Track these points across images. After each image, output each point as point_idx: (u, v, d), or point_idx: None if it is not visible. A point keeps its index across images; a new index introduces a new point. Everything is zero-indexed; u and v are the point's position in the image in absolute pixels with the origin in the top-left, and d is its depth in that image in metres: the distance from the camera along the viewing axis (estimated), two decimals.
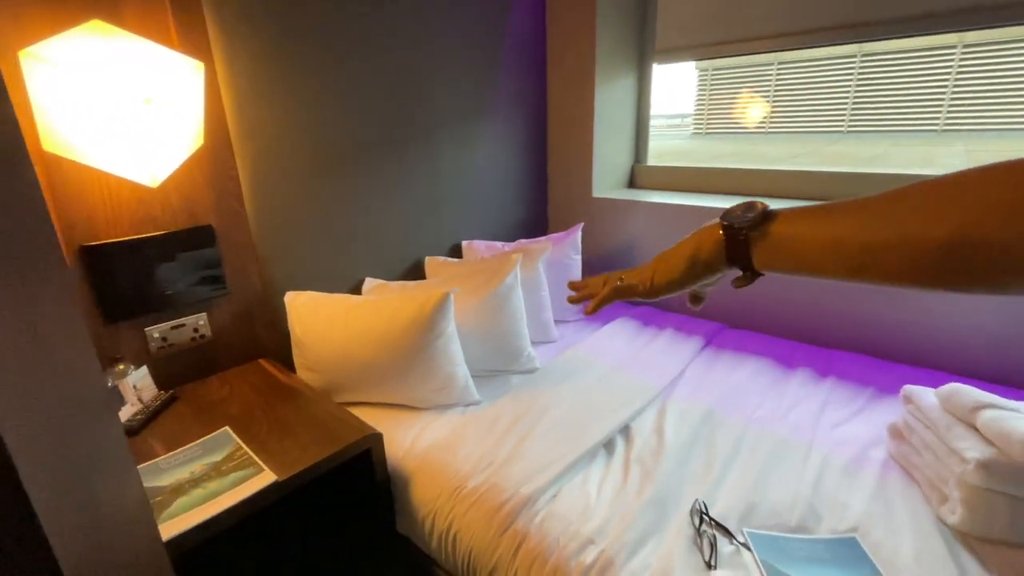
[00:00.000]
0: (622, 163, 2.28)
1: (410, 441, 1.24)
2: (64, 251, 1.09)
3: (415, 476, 1.15)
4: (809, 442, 1.17)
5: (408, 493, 1.15)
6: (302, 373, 1.40)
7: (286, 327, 1.42)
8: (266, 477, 0.96)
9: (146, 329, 1.24)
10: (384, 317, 1.29)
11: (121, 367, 1.18)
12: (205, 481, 0.95)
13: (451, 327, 1.32)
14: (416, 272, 1.85)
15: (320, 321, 1.35)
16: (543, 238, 1.94)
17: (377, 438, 1.11)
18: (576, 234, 1.91)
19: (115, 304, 1.18)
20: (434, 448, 1.19)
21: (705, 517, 0.95)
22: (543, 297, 1.74)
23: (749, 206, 0.52)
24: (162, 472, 0.98)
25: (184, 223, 1.25)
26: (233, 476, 0.96)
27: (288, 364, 1.43)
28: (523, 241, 1.94)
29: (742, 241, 0.51)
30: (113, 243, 1.15)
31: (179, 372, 1.31)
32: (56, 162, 1.05)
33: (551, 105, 2.18)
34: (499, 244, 1.96)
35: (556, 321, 1.86)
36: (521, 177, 2.18)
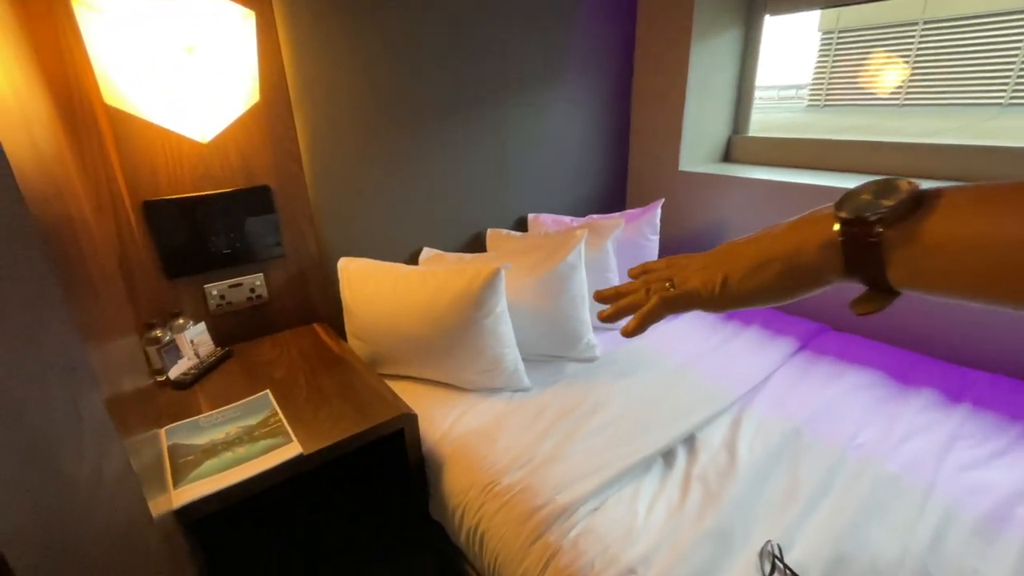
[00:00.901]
0: (717, 133, 2.01)
1: (449, 423, 1.16)
2: (128, 205, 1.12)
3: (449, 462, 1.08)
4: (929, 485, 0.93)
5: (441, 479, 1.08)
6: (351, 341, 1.38)
7: (340, 293, 1.40)
8: (292, 449, 0.92)
9: (205, 286, 1.26)
10: (431, 289, 1.21)
11: (180, 321, 1.21)
12: (236, 445, 0.94)
13: (501, 305, 1.21)
14: (477, 245, 1.76)
15: (369, 289, 1.30)
16: (616, 214, 1.76)
17: (411, 419, 1.05)
18: (655, 211, 1.70)
19: (175, 260, 1.20)
20: (473, 435, 1.11)
21: (779, 563, 0.78)
22: (610, 280, 1.57)
23: (886, 186, 0.33)
24: (200, 430, 0.99)
25: (242, 183, 1.25)
26: (263, 443, 0.94)
27: (342, 331, 1.41)
28: (594, 217, 1.77)
29: (872, 244, 0.33)
30: (174, 199, 1.16)
31: (235, 330, 1.33)
32: (121, 117, 1.06)
33: (638, 64, 1.95)
34: (567, 219, 1.80)
35: None
36: (598, 146, 1.99)
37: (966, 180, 1.47)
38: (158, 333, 1.16)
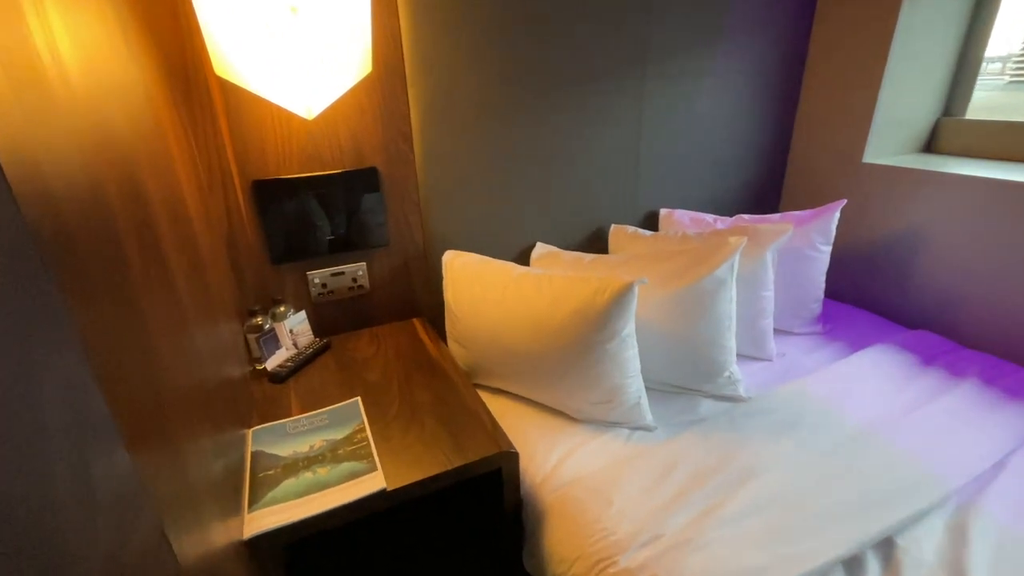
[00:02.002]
0: (919, 116, 1.55)
1: (553, 462, 0.97)
2: (237, 184, 1.06)
3: (551, 515, 0.89)
4: None
5: (540, 532, 0.90)
6: (451, 345, 1.24)
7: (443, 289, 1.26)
8: (375, 481, 0.79)
9: (308, 273, 1.19)
10: (545, 299, 1.01)
11: (281, 309, 1.15)
12: (318, 463, 0.83)
13: (629, 328, 0.98)
14: (597, 242, 1.53)
15: (475, 291, 1.14)
16: (776, 216, 1.42)
17: (511, 458, 0.87)
18: (831, 215, 1.34)
19: (281, 244, 1.13)
20: (582, 484, 0.91)
21: None
22: (764, 299, 1.26)
23: None
24: (285, 438, 0.90)
25: (350, 163, 1.14)
26: (345, 466, 0.82)
27: (442, 329, 1.28)
28: (745, 217, 1.45)
29: None
30: (283, 179, 1.09)
31: (335, 321, 1.26)
32: (233, 91, 0.99)
33: (820, 21, 1.55)
34: (709, 218, 1.50)
35: (777, 331, 1.36)
36: (753, 128, 1.64)
37: None
38: (259, 320, 1.10)
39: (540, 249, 1.41)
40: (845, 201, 1.35)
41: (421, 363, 1.13)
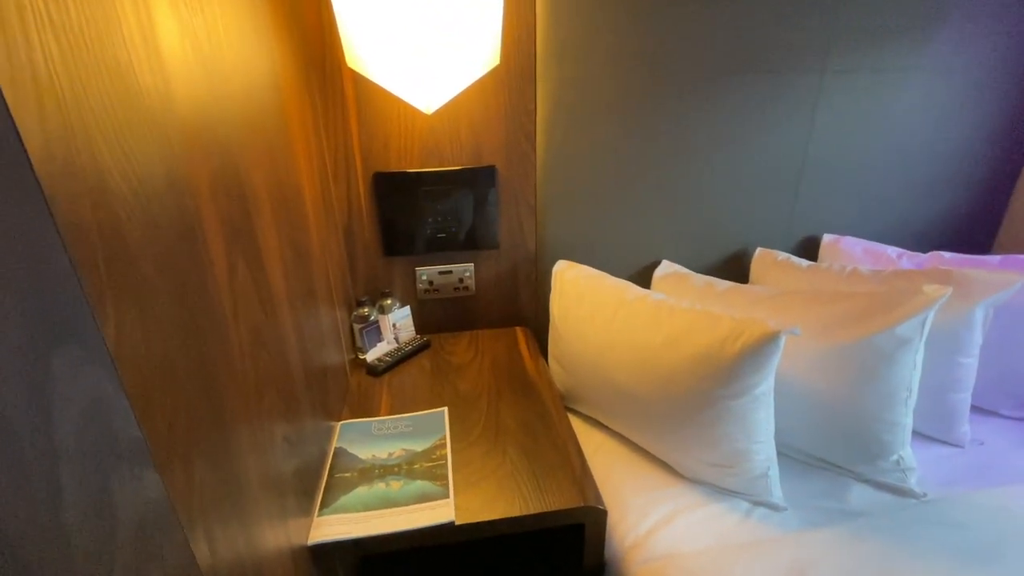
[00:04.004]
0: None
1: (650, 525, 0.82)
2: (359, 175, 1.07)
3: None
4: None
5: None
6: (552, 365, 1.14)
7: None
8: (444, 510, 0.73)
9: (417, 269, 1.17)
10: (662, 335, 0.86)
11: (388, 302, 1.15)
12: (393, 475, 0.79)
13: (767, 384, 0.79)
14: (736, 268, 1.31)
15: (583, 310, 1.03)
16: (994, 259, 1.08)
17: (598, 515, 0.75)
18: None
19: (394, 237, 1.13)
20: (679, 563, 0.75)
21: None
22: (963, 368, 0.96)
23: None
24: (369, 439, 0.88)
25: (469, 161, 1.09)
26: (419, 484, 0.77)
27: (545, 342, 1.19)
28: (946, 256, 1.13)
29: None
30: (402, 173, 1.07)
31: (437, 319, 1.23)
32: (363, 82, 0.99)
33: None
34: (892, 252, 1.20)
35: (975, 409, 1.03)
36: (967, 144, 1.27)
37: None
38: (365, 311, 1.11)
39: (665, 268, 1.24)
40: None
41: (515, 379, 1.04)
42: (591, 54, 1.06)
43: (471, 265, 1.19)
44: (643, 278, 1.27)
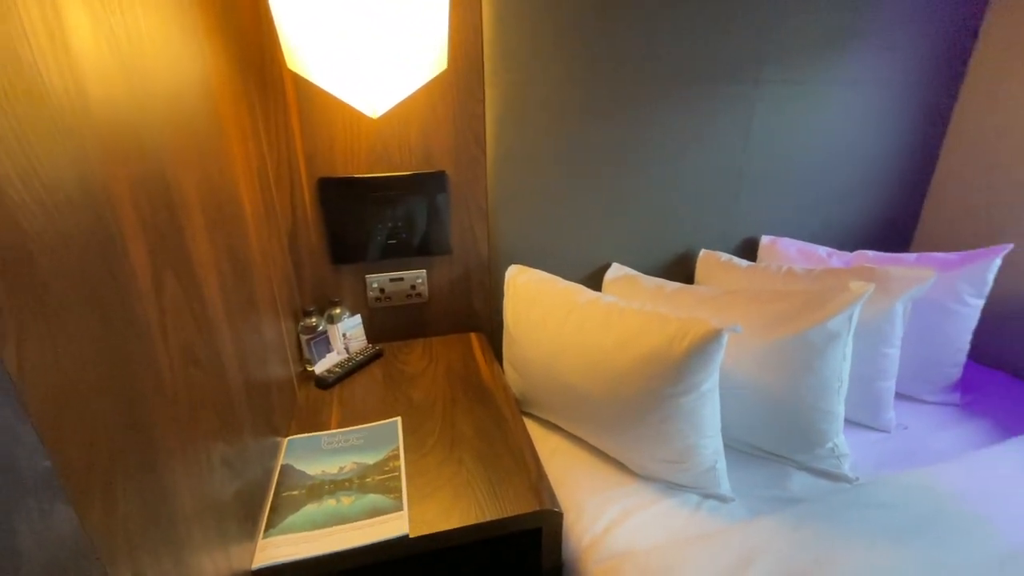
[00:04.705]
0: None
1: (604, 525, 0.84)
2: (304, 180, 1.03)
3: None
4: None
5: None
6: (507, 370, 1.14)
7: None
8: (398, 524, 0.71)
9: (367, 276, 1.15)
10: (612, 337, 0.88)
11: (337, 311, 1.11)
12: (344, 491, 0.77)
13: (712, 381, 0.82)
14: (683, 268, 1.36)
15: (535, 315, 1.03)
16: (911, 257, 1.17)
17: (554, 518, 0.75)
18: (990, 262, 1.07)
19: (343, 244, 1.10)
20: (634, 560, 0.77)
21: None
22: (887, 358, 1.03)
23: None
24: (318, 454, 0.85)
25: (418, 166, 1.08)
26: (371, 498, 0.75)
27: (499, 348, 1.19)
28: (869, 255, 1.21)
29: None
30: (348, 179, 1.05)
31: (389, 328, 1.21)
32: (304, 84, 0.96)
33: (990, 25, 1.26)
34: (823, 251, 1.27)
35: (899, 396, 1.12)
36: (887, 150, 1.38)
37: None
38: (313, 321, 1.07)
39: (616, 271, 1.27)
40: (1011, 246, 1.07)
41: (471, 385, 1.04)
42: (538, 61, 1.07)
43: (423, 272, 1.17)
44: (594, 281, 1.30)
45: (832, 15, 1.18)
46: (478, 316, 1.25)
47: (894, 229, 1.49)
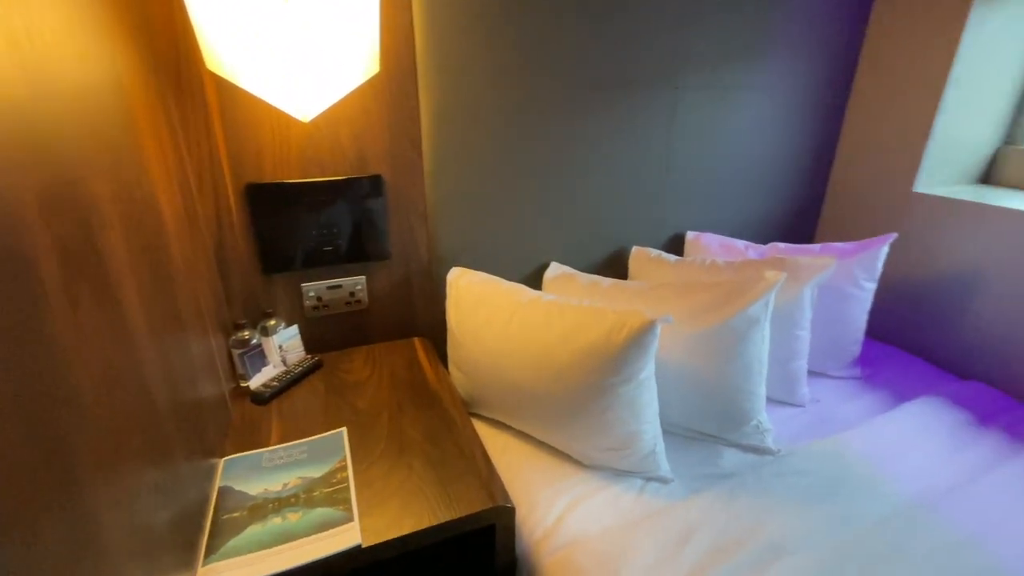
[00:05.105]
0: (978, 143, 1.41)
1: (555, 517, 0.86)
2: (229, 187, 0.98)
3: None
4: None
5: None
6: (452, 372, 1.14)
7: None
8: (349, 535, 0.70)
9: (303, 285, 1.11)
10: (555, 333, 0.91)
11: (271, 322, 1.07)
12: (290, 507, 0.74)
13: (648, 370, 0.87)
14: (617, 265, 1.42)
15: (479, 316, 1.04)
16: (816, 247, 1.29)
17: (506, 514, 0.77)
18: (878, 250, 1.21)
19: (274, 253, 1.05)
20: (586, 546, 0.80)
21: None
22: (799, 339, 1.14)
23: None
24: (259, 472, 0.81)
25: (353, 170, 1.06)
26: (319, 512, 0.73)
27: (444, 351, 1.19)
28: (781, 247, 1.33)
29: None
30: (278, 184, 1.01)
31: (329, 337, 1.17)
32: (228, 86, 0.92)
33: (873, 38, 1.42)
34: (741, 244, 1.38)
35: (810, 373, 1.23)
36: (790, 151, 1.52)
37: None
38: (245, 335, 1.02)
39: (555, 270, 1.31)
40: (895, 235, 1.22)
41: (417, 390, 1.03)
42: (472, 67, 1.09)
43: (362, 278, 1.15)
44: (535, 280, 1.33)
45: (742, 28, 1.28)
46: (421, 320, 1.24)
47: (801, 222, 1.64)
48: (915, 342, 1.44)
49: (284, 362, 1.09)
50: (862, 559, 0.76)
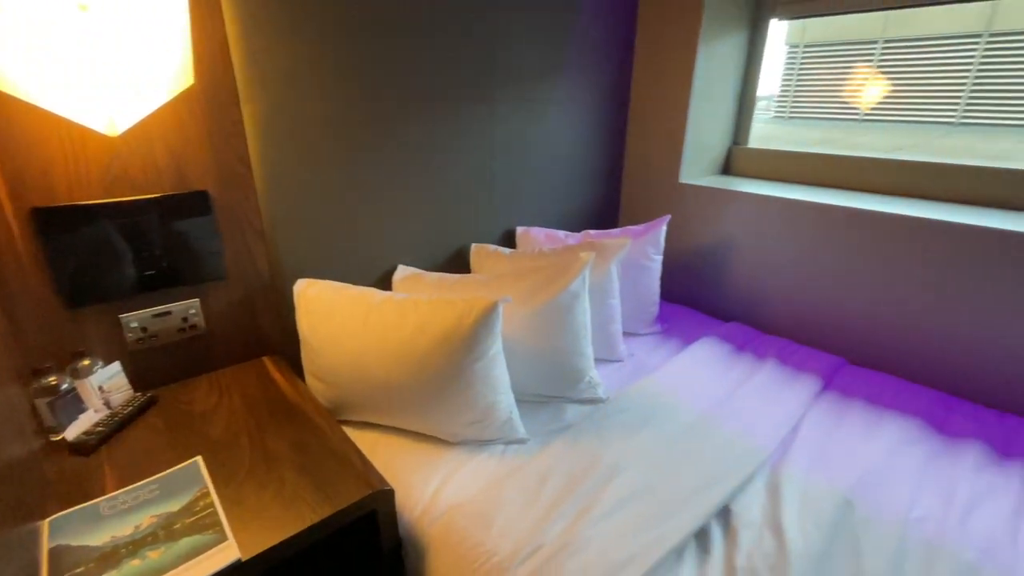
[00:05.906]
0: (718, 144, 1.86)
1: (431, 492, 0.94)
2: (9, 212, 0.85)
3: (434, 549, 0.86)
4: (1010, 572, 0.79)
5: (423, 568, 0.87)
6: (310, 382, 1.14)
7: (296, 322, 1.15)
8: (226, 552, 0.69)
9: (121, 316, 1.00)
10: (410, 326, 0.99)
11: (85, 363, 0.94)
12: (148, 546, 0.69)
13: (497, 346, 1.00)
14: (459, 262, 1.54)
15: (333, 323, 1.07)
16: (617, 231, 1.58)
17: (386, 496, 0.83)
18: (660, 229, 1.53)
19: (80, 284, 0.93)
20: (462, 511, 0.90)
21: None
22: (612, 307, 1.39)
23: None
24: (100, 522, 0.73)
25: (171, 187, 0.99)
26: (185, 543, 0.70)
27: (298, 363, 1.17)
28: (592, 233, 1.59)
29: None
30: (77, 207, 0.90)
31: (162, 370, 1.07)
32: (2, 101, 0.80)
33: (639, 65, 1.78)
34: (561, 234, 1.61)
35: (625, 334, 1.51)
36: (591, 154, 1.81)
37: (970, 199, 1.37)
38: (52, 380, 0.89)
39: (402, 272, 1.38)
40: (669, 216, 1.56)
41: (275, 408, 1.01)
42: (297, 77, 1.10)
43: (196, 301, 1.08)
44: (383, 283, 1.38)
45: (542, 51, 1.50)
46: (269, 338, 1.20)
47: (605, 212, 1.96)
48: (693, 298, 1.84)
49: (108, 404, 0.97)
50: (669, 465, 0.99)
